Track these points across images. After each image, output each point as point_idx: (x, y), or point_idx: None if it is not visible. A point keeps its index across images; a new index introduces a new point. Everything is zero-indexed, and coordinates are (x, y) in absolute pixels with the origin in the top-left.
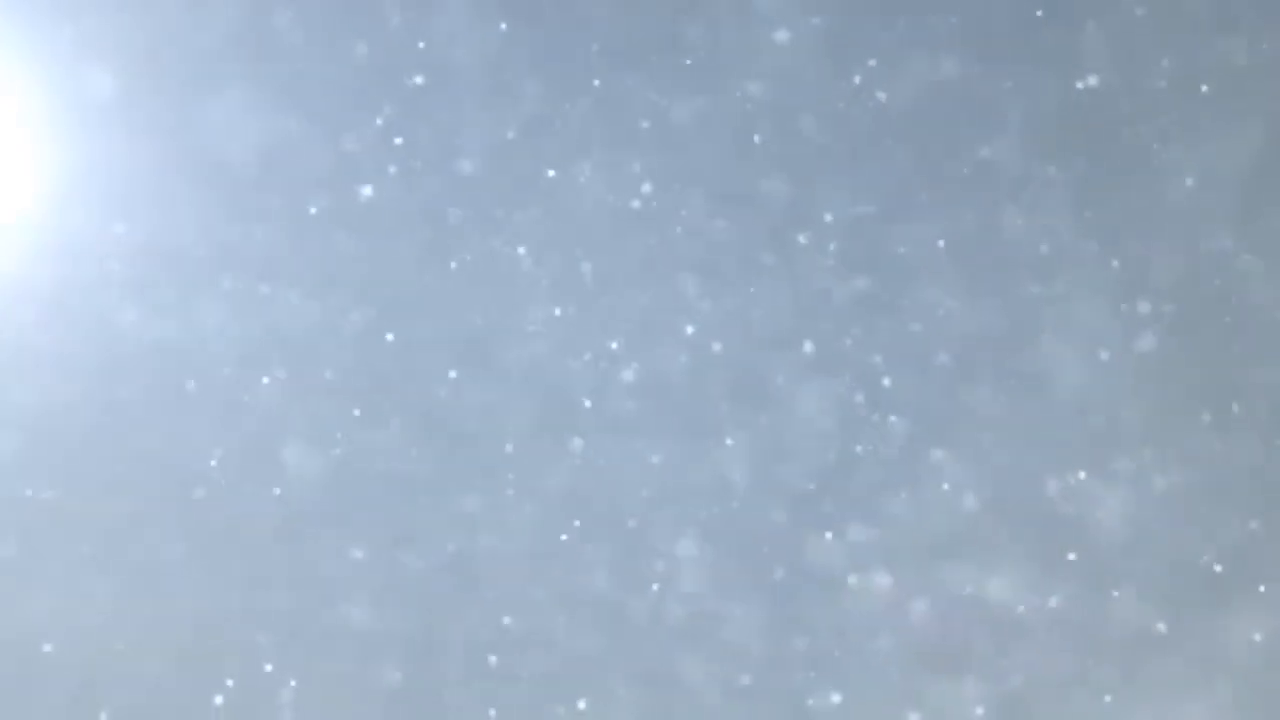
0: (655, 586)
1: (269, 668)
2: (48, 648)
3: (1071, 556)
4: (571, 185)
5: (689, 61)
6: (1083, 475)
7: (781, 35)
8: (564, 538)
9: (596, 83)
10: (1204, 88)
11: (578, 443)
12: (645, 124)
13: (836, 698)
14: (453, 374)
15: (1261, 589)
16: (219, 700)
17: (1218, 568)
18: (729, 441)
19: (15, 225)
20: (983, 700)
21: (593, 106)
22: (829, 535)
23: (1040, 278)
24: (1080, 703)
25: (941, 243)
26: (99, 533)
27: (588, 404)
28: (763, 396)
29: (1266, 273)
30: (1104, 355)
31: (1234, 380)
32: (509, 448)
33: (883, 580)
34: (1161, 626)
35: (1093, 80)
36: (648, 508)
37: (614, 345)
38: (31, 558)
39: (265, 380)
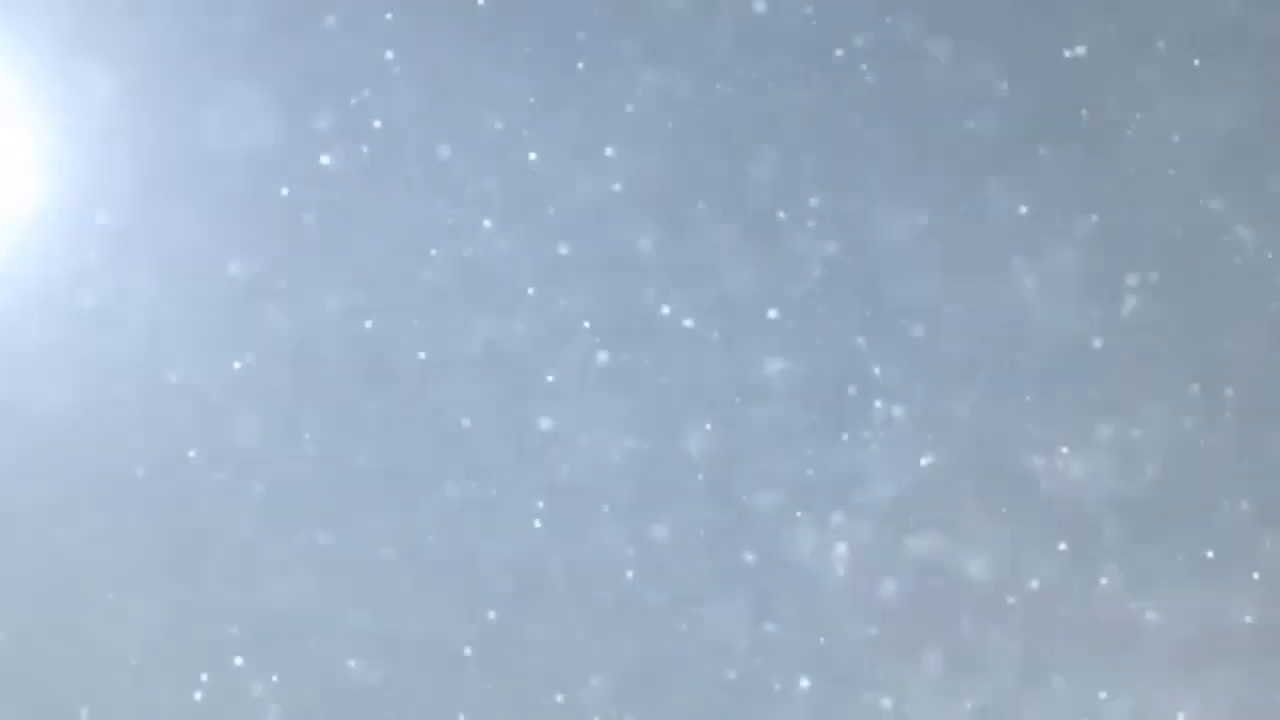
0: (630, 574)
1: (249, 663)
2: (27, 644)
3: (1062, 546)
4: (552, 168)
5: (672, 40)
6: (1071, 459)
7: (760, 8)
8: (538, 524)
9: (581, 66)
10: (1196, 61)
11: (551, 428)
12: (630, 108)
13: (805, 683)
14: (421, 355)
15: (1255, 576)
16: (198, 696)
17: (1209, 554)
18: (707, 426)
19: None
20: (969, 689)
21: (575, 87)
22: (810, 520)
23: (1027, 252)
24: (1070, 690)
25: (924, 219)
26: (79, 528)
27: (562, 388)
28: (741, 380)
29: (1260, 248)
30: (1096, 342)
31: (1225, 363)
32: (484, 435)
33: (863, 565)
34: (1152, 615)
35: (1080, 50)
36: (622, 492)
37: (587, 325)
38: (8, 554)
39: (237, 365)
